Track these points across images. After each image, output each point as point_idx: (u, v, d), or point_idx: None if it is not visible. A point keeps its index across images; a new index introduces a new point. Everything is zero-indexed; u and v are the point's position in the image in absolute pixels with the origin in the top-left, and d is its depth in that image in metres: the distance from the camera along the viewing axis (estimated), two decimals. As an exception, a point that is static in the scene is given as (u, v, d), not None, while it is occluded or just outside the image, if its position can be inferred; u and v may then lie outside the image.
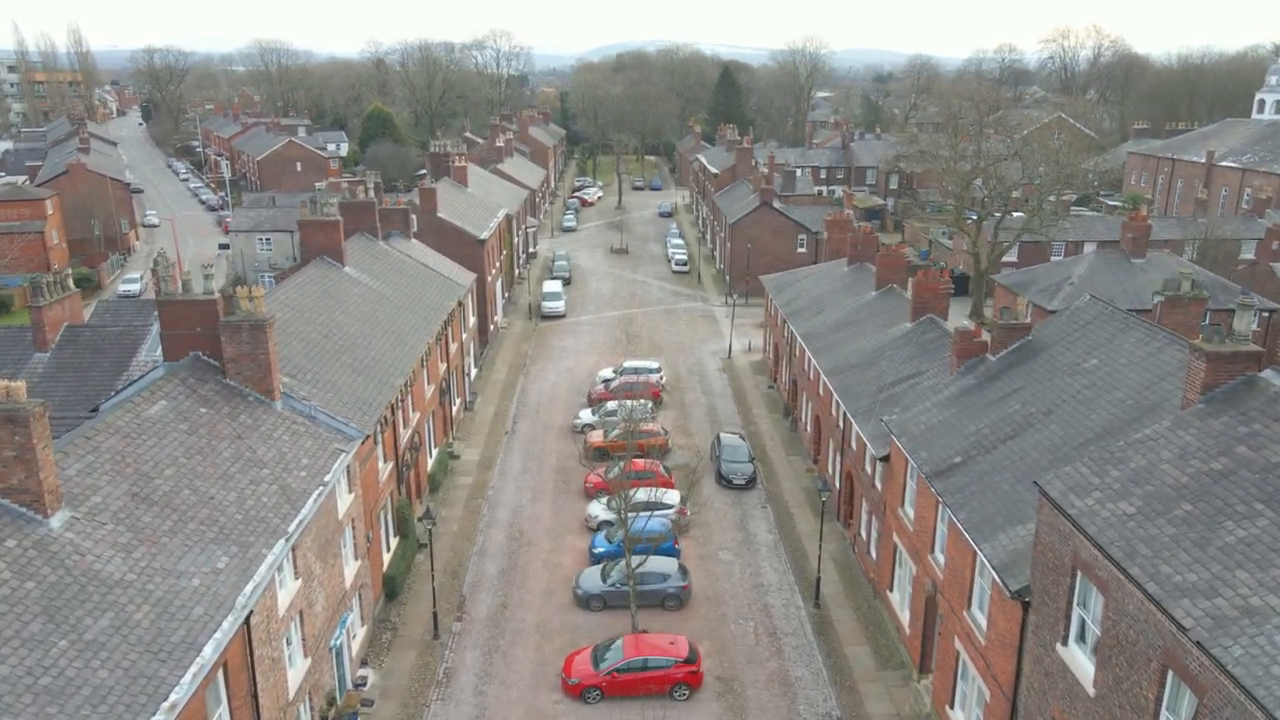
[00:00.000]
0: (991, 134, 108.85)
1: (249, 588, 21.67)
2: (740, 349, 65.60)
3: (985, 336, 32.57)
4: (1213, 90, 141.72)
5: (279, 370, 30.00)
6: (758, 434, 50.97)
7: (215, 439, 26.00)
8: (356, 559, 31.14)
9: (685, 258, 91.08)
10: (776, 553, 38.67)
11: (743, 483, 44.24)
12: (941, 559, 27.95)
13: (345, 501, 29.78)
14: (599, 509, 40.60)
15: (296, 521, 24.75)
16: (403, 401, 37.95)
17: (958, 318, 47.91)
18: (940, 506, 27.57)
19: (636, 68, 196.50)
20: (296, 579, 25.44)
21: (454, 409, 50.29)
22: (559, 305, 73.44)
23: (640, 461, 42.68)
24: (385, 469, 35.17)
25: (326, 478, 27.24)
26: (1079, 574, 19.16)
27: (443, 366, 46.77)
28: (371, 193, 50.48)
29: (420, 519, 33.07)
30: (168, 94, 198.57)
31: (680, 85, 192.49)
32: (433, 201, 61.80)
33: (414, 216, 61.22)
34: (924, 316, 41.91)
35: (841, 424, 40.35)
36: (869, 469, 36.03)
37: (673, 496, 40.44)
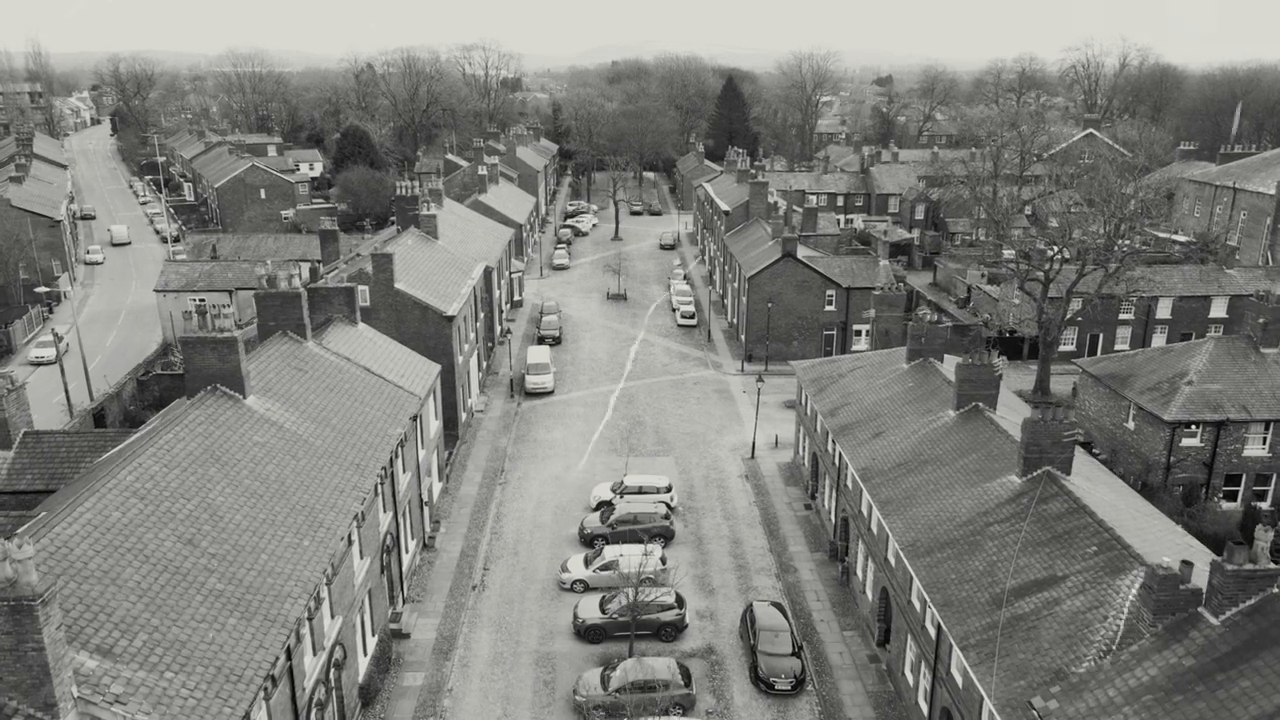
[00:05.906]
0: (1036, 160, 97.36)
1: None
2: (765, 443, 54.05)
3: (1195, 580, 21.03)
4: (1263, 107, 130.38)
5: (74, 654, 18.63)
6: (798, 589, 39.50)
7: None
8: None
9: (692, 309, 79.52)
10: (846, 827, 27.21)
11: (788, 686, 32.73)
12: None
13: None
14: (594, 744, 29.15)
15: None
16: (311, 620, 26.43)
17: (1018, 387, 34.02)
18: None
19: (633, 78, 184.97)
20: None
21: (405, 560, 38.73)
22: (546, 380, 61.76)
23: (653, 660, 31.60)
24: (274, 748, 23.65)
25: None
26: None
27: (386, 518, 35.20)
28: (298, 278, 38.80)
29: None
30: (134, 106, 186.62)
31: (680, 96, 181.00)
32: (389, 270, 50.15)
33: (365, 289, 49.82)
34: (1039, 470, 30.54)
35: (934, 634, 28.90)
36: (991, 736, 24.56)
37: (697, 731, 28.99)
